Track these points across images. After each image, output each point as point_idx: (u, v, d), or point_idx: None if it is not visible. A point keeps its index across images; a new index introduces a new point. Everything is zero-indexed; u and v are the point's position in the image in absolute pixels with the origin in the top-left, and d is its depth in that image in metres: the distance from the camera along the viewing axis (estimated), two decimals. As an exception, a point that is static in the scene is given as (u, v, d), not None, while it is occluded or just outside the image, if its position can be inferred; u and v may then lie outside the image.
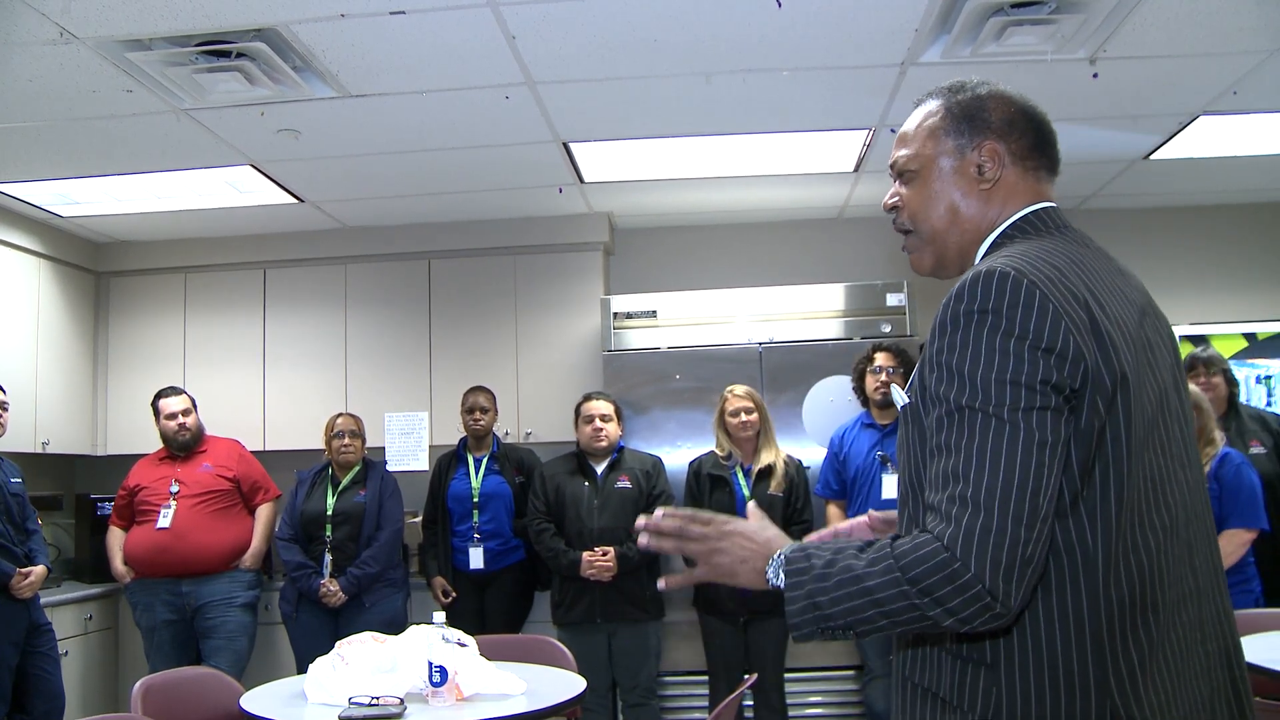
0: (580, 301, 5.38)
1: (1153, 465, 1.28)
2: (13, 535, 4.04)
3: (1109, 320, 1.26)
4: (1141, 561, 1.25)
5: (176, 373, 5.42)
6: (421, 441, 5.36)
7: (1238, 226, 5.53)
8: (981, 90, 1.49)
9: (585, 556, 4.18)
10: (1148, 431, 1.28)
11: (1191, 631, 1.29)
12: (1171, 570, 1.28)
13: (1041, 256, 1.30)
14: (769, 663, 4.24)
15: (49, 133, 3.97)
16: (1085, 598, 1.22)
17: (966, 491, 1.19)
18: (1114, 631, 1.23)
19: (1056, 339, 1.21)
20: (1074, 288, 1.26)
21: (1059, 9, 3.13)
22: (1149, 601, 1.25)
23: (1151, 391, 1.29)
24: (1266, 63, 3.58)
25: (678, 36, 3.32)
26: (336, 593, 4.37)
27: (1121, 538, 1.24)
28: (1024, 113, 1.47)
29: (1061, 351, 1.21)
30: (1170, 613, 1.27)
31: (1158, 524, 1.27)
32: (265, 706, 2.77)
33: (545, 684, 2.94)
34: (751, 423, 4.27)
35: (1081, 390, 1.22)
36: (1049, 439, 1.19)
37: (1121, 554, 1.24)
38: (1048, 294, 1.23)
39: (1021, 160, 1.44)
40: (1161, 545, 1.27)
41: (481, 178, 4.79)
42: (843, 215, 5.67)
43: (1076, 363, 1.21)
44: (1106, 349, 1.24)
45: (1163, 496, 1.28)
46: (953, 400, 1.23)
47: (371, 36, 3.23)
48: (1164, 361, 1.35)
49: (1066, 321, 1.22)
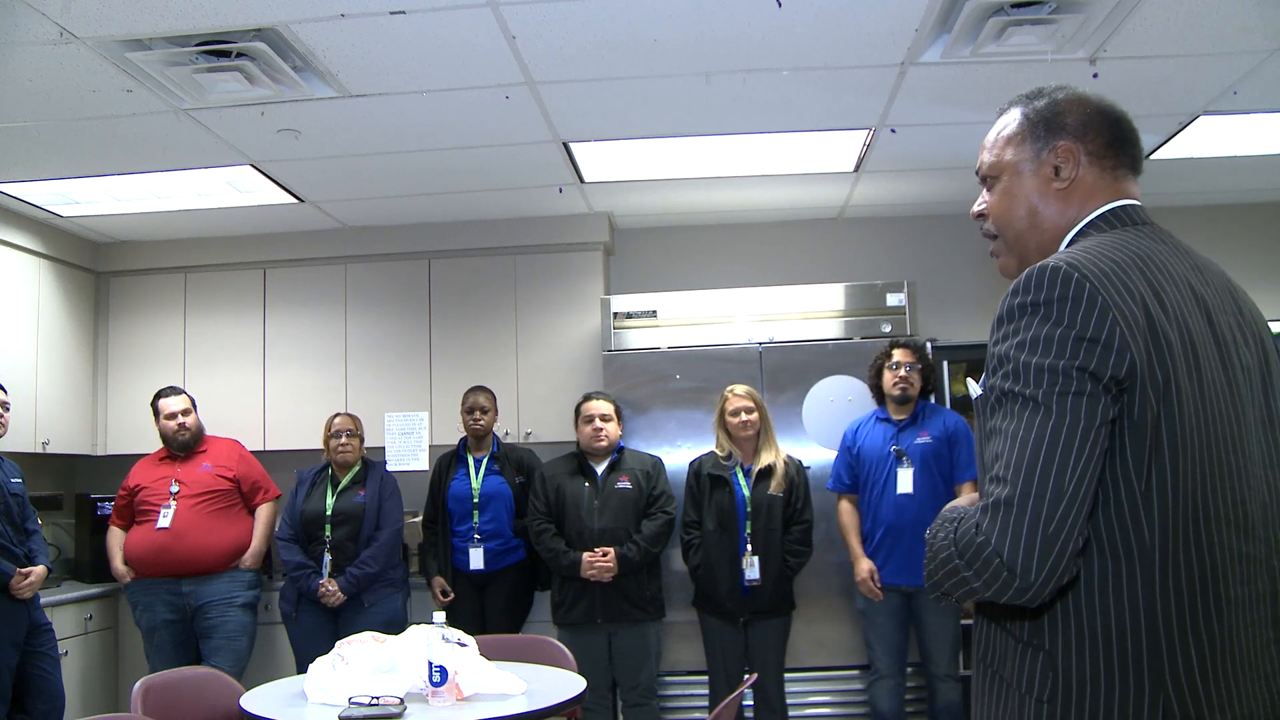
0: (580, 301, 5.38)
1: (1222, 463, 1.29)
2: (13, 535, 4.04)
3: (1168, 316, 1.29)
4: (1204, 558, 1.27)
5: (176, 373, 5.42)
6: (421, 441, 5.36)
7: (1238, 226, 5.52)
8: (1059, 95, 1.50)
9: (585, 557, 4.18)
10: (1213, 429, 1.29)
11: (1263, 631, 1.30)
12: (1243, 569, 1.29)
13: (1104, 252, 1.34)
14: (769, 663, 4.24)
15: (49, 133, 3.97)
16: (1142, 591, 1.26)
17: (1004, 472, 1.26)
18: (1171, 626, 1.25)
19: (1102, 330, 1.25)
20: (1131, 282, 1.29)
21: (1059, 9, 3.13)
22: (1211, 598, 1.26)
23: (1220, 390, 1.31)
24: (1266, 63, 3.58)
25: (678, 36, 3.32)
26: (336, 593, 4.37)
27: (1181, 534, 1.26)
28: (1100, 112, 1.48)
29: (1106, 342, 1.25)
30: (1238, 611, 1.28)
31: (1225, 521, 1.28)
32: (265, 706, 2.78)
33: (545, 684, 2.94)
34: (752, 422, 4.27)
35: (1128, 381, 1.25)
36: (1082, 422, 1.23)
37: (1181, 550, 1.26)
38: (1097, 287, 1.27)
39: (1099, 159, 1.46)
40: (1229, 543, 1.28)
41: (481, 178, 4.79)
42: (843, 215, 5.67)
43: (1122, 354, 1.25)
44: (1160, 345, 1.26)
45: (1234, 495, 1.29)
46: (1002, 385, 1.30)
47: (371, 36, 3.23)
48: (1245, 361, 1.36)
49: (1115, 314, 1.26)
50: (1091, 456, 1.23)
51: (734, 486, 4.24)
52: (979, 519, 1.27)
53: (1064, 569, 1.23)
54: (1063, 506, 1.22)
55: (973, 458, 4.03)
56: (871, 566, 4.18)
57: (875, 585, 4.16)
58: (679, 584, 4.54)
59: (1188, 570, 1.26)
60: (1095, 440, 1.24)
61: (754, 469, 4.25)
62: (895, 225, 5.70)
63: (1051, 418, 1.24)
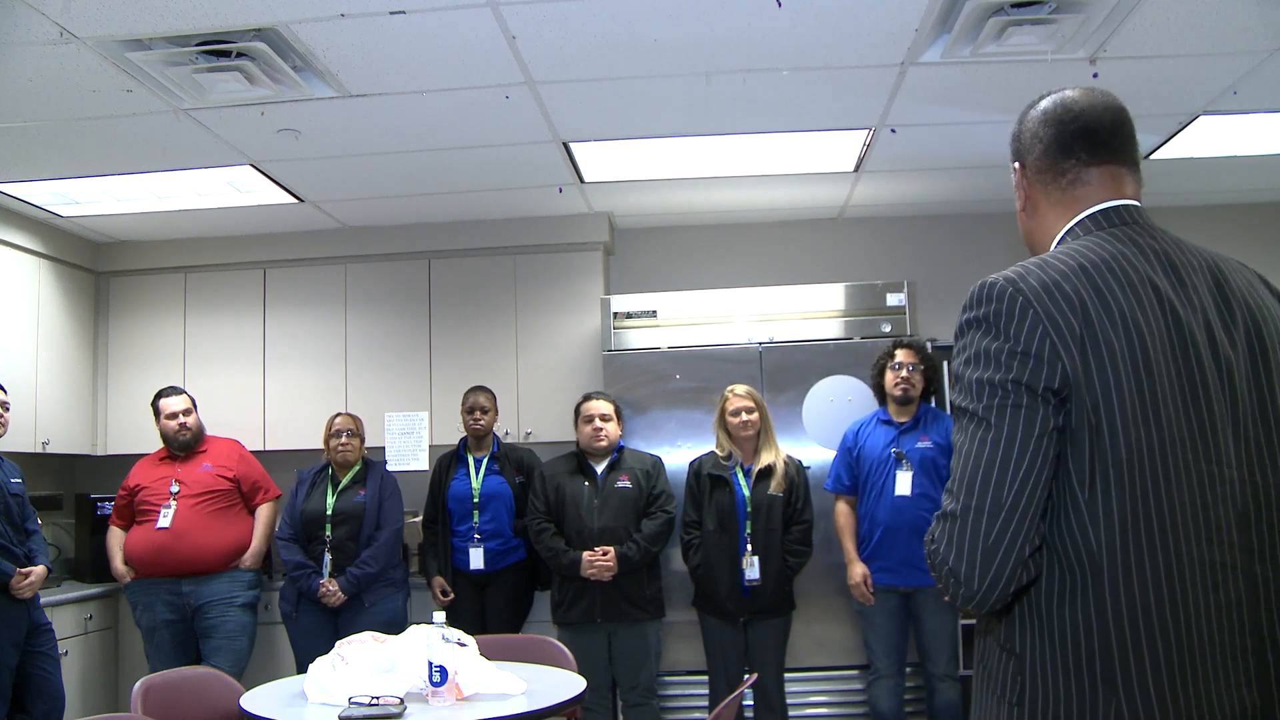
0: (580, 301, 5.38)
1: (1178, 468, 1.27)
2: (13, 535, 4.04)
3: (1112, 322, 1.30)
4: (1157, 565, 1.26)
5: (176, 373, 5.42)
6: (421, 441, 5.36)
7: (1238, 226, 5.52)
8: (1033, 105, 1.51)
9: (585, 556, 4.18)
10: (1166, 433, 1.27)
11: (1235, 638, 1.28)
12: (1208, 576, 1.27)
13: (1052, 261, 1.36)
14: (769, 663, 4.24)
15: (49, 133, 3.97)
16: (1094, 598, 1.27)
17: (953, 485, 1.32)
18: (1124, 633, 1.25)
19: (1033, 343, 1.29)
20: (1069, 291, 1.31)
21: (1059, 9, 3.13)
22: (1167, 606, 1.25)
23: (1177, 393, 1.29)
24: (1266, 63, 3.58)
25: (678, 36, 3.32)
26: (336, 592, 4.37)
27: (1131, 541, 1.26)
28: (1045, 120, 1.47)
29: (1037, 354, 1.28)
30: (1202, 618, 1.26)
31: (1182, 527, 1.26)
32: (265, 706, 2.78)
33: (545, 684, 2.94)
34: (752, 422, 4.27)
35: (1065, 391, 1.28)
36: (1020, 433, 1.27)
37: (1133, 556, 1.26)
38: (1030, 300, 1.30)
39: (1043, 171, 1.47)
40: (1188, 550, 1.26)
41: (481, 178, 4.79)
42: (843, 215, 5.67)
43: (1053, 365, 1.28)
44: (1100, 352, 1.28)
45: (1196, 500, 1.27)
46: (955, 401, 1.37)
47: (371, 36, 3.23)
48: (1226, 360, 1.33)
49: (1045, 325, 1.29)
50: (1032, 467, 1.27)
51: (734, 486, 4.24)
52: (933, 529, 1.34)
53: (1009, 577, 1.27)
54: (1001, 518, 1.26)
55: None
56: (865, 571, 4.20)
57: (867, 590, 4.18)
58: (679, 584, 4.54)
59: (1139, 577, 1.26)
60: (1036, 450, 1.27)
61: (754, 469, 4.25)
62: (895, 225, 5.70)
63: (991, 431, 1.28)
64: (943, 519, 1.32)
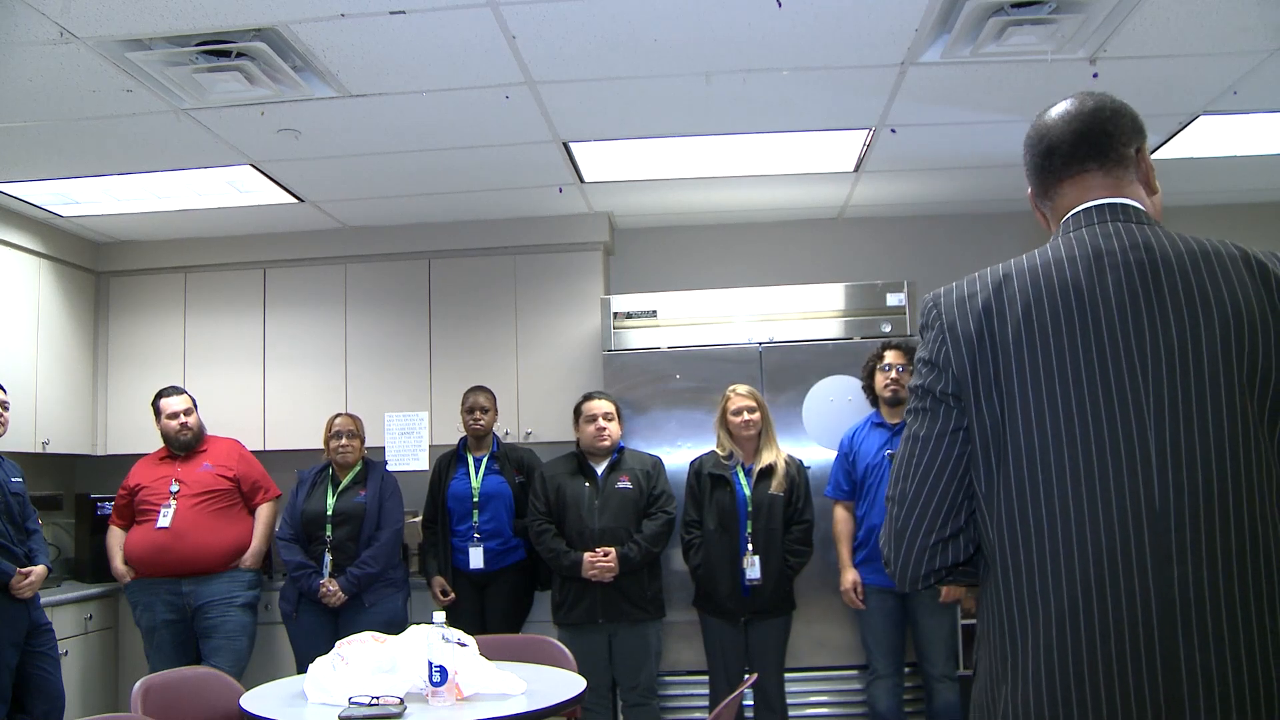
0: (580, 301, 5.38)
1: (1077, 464, 1.30)
2: (13, 535, 4.04)
3: (1013, 328, 1.36)
4: (1044, 555, 1.31)
5: (176, 373, 5.41)
6: (421, 441, 5.36)
7: (1238, 226, 5.51)
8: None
9: (586, 557, 4.18)
10: (1065, 431, 1.31)
11: (1135, 636, 1.27)
12: (1104, 570, 1.28)
13: (985, 272, 1.45)
14: (769, 662, 4.24)
15: (49, 133, 3.96)
16: (998, 586, 1.37)
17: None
18: (1014, 621, 1.34)
19: (934, 349, 1.43)
20: (980, 302, 1.40)
21: (1059, 9, 3.13)
22: (1052, 596, 1.30)
23: (1079, 390, 1.32)
24: (1266, 63, 3.58)
25: (678, 36, 3.32)
26: (336, 592, 4.37)
27: (1020, 532, 1.33)
28: (1027, 146, 1.54)
29: (934, 360, 1.42)
30: (1094, 612, 1.28)
31: (1076, 521, 1.30)
32: (265, 706, 2.78)
33: (545, 684, 2.94)
34: (754, 421, 4.27)
35: (958, 394, 1.39)
36: (923, 432, 1.42)
37: (1021, 547, 1.33)
38: (940, 311, 1.44)
39: (1039, 193, 1.54)
40: (1085, 543, 1.29)
41: (481, 178, 4.79)
42: (843, 215, 5.67)
43: (944, 370, 1.40)
44: (996, 357, 1.37)
45: (1096, 494, 1.30)
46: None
47: (371, 36, 3.23)
48: (1144, 357, 1.31)
49: (945, 334, 1.41)
50: (933, 463, 1.40)
51: (735, 486, 4.24)
52: None
53: (918, 559, 1.41)
54: (906, 507, 1.42)
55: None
56: (856, 578, 4.23)
57: (857, 597, 4.22)
58: (679, 584, 4.54)
59: (1026, 567, 1.33)
60: (937, 448, 1.40)
61: (755, 469, 4.25)
62: (895, 225, 5.70)
63: (908, 430, 1.45)
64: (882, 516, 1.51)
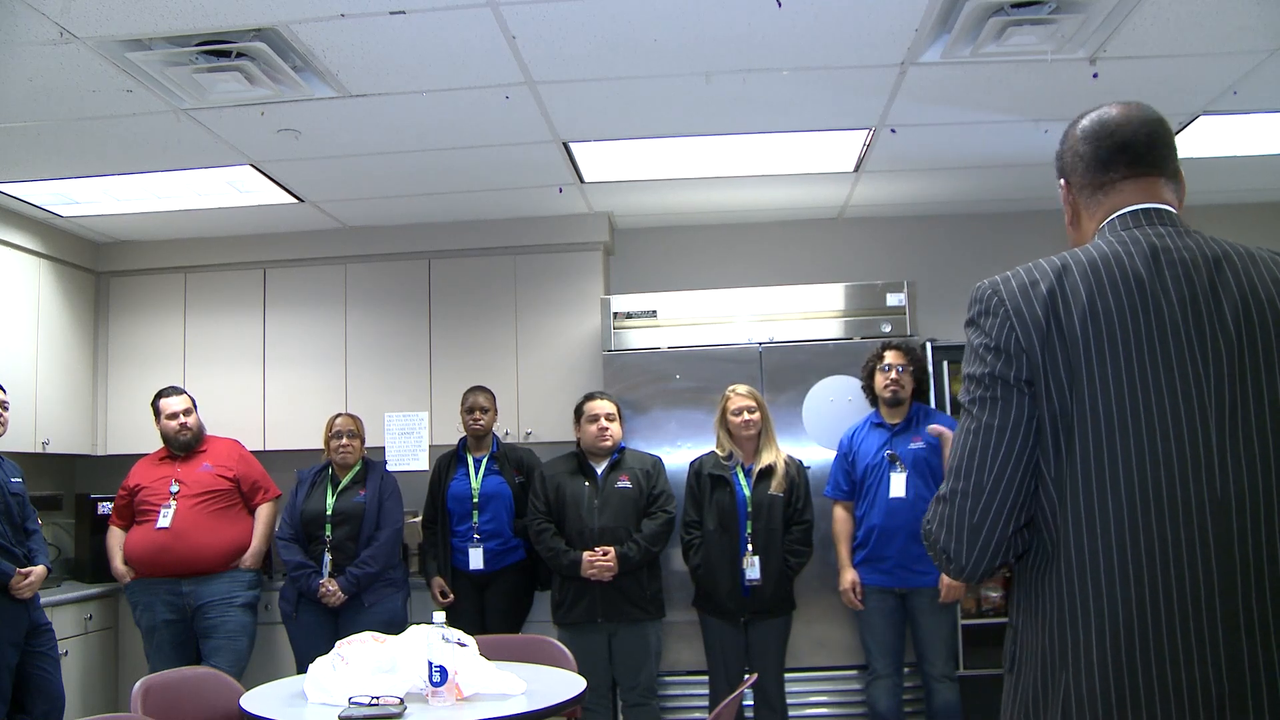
0: (580, 301, 5.38)
1: (1143, 451, 1.33)
2: (13, 535, 4.04)
3: (1080, 317, 1.38)
4: (1109, 542, 1.32)
5: (176, 373, 5.41)
6: (421, 441, 5.35)
7: (1238, 226, 5.49)
8: (1074, 123, 1.58)
9: (586, 556, 4.18)
10: (1131, 419, 1.33)
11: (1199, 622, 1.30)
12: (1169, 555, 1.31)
13: (1042, 263, 1.46)
14: (769, 662, 4.24)
15: (49, 133, 3.96)
16: (1055, 571, 1.37)
17: (946, 472, 1.46)
18: (1076, 608, 1.35)
19: (1002, 337, 1.41)
20: (1045, 290, 1.41)
21: (1059, 9, 3.13)
22: (1119, 582, 1.31)
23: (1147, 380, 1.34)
24: (1266, 63, 3.58)
25: (678, 36, 3.32)
26: (336, 592, 4.37)
27: (1086, 516, 1.34)
28: (1083, 139, 1.55)
29: (1003, 347, 1.41)
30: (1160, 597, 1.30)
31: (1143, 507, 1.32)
32: (265, 706, 2.78)
33: (545, 684, 2.94)
34: (754, 421, 4.27)
35: (1033, 380, 1.39)
36: (997, 420, 1.40)
37: (1089, 532, 1.34)
38: (1004, 298, 1.43)
39: (1084, 187, 1.55)
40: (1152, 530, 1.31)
41: (481, 178, 4.79)
42: (843, 215, 5.67)
43: (1018, 357, 1.39)
44: (1066, 344, 1.37)
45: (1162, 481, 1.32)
46: (960, 397, 1.50)
47: (371, 36, 3.23)
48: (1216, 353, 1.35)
49: (1013, 321, 1.40)
50: (1010, 452, 1.39)
51: (734, 486, 4.24)
52: (929, 512, 1.48)
53: (993, 553, 1.40)
54: (984, 498, 1.39)
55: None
56: (854, 579, 4.23)
57: (855, 597, 4.22)
58: (679, 584, 4.54)
59: (1093, 552, 1.33)
60: (1014, 437, 1.39)
61: (755, 469, 4.25)
62: (895, 225, 5.69)
63: (974, 421, 1.42)
64: (937, 502, 1.46)
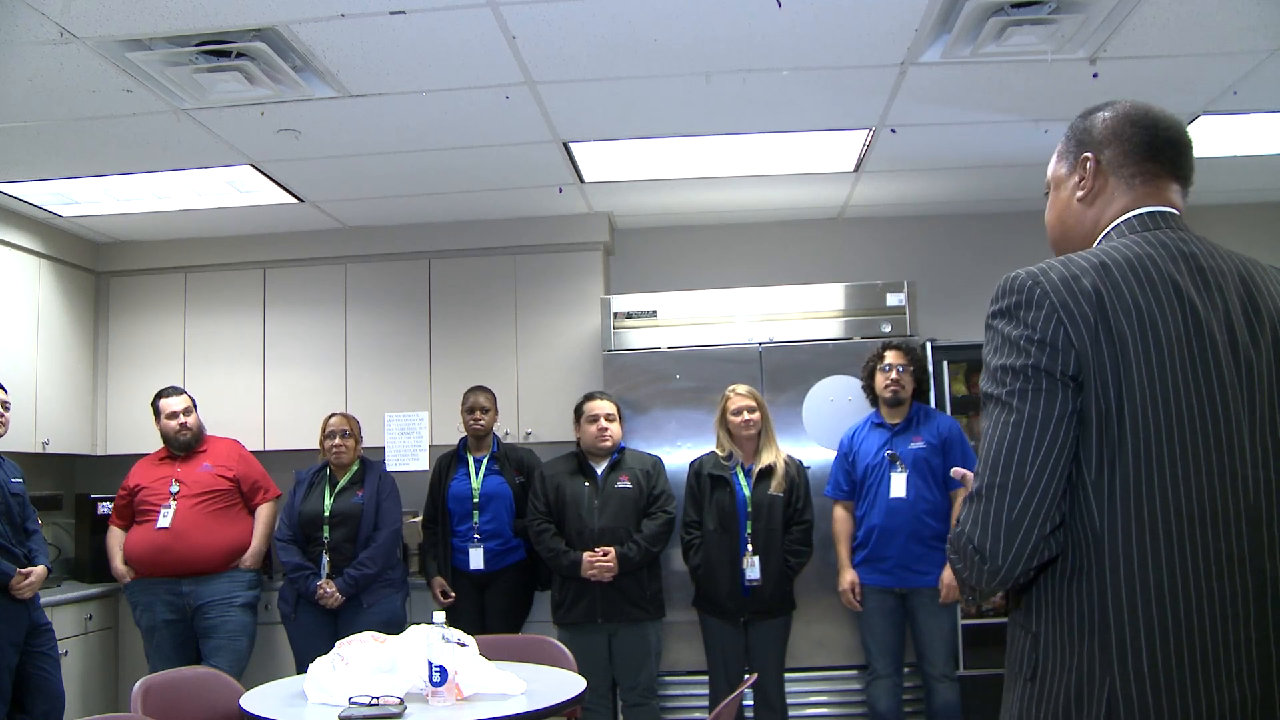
0: (580, 301, 5.38)
1: (1190, 458, 1.32)
2: (13, 535, 4.04)
3: (1126, 316, 1.35)
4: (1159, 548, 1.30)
5: (176, 373, 5.41)
6: (421, 441, 5.35)
7: (1238, 226, 5.51)
8: (1101, 110, 1.56)
9: (586, 557, 4.17)
10: (1179, 425, 1.32)
11: (1241, 629, 1.31)
12: (1211, 564, 1.31)
13: (1074, 259, 1.43)
14: (769, 662, 4.24)
15: (49, 133, 3.96)
16: (1096, 578, 1.33)
17: (979, 468, 1.40)
18: (1122, 612, 1.31)
19: (1049, 331, 1.36)
20: (1088, 286, 1.37)
21: (1059, 9, 3.13)
22: (1166, 589, 1.30)
23: (1192, 387, 1.33)
24: (1266, 63, 3.58)
25: (678, 36, 3.32)
26: (333, 594, 4.36)
27: (1134, 523, 1.31)
28: (1129, 121, 1.53)
29: (1048, 340, 1.35)
30: (1206, 605, 1.30)
31: (1189, 516, 1.31)
32: (265, 706, 2.78)
33: (545, 684, 2.94)
34: (754, 421, 4.27)
35: (1080, 376, 1.34)
36: (1040, 414, 1.34)
37: (1135, 539, 1.31)
38: (1048, 290, 1.37)
39: (1118, 167, 1.52)
40: (1194, 537, 1.31)
41: (481, 178, 4.79)
42: (843, 215, 5.67)
43: (1067, 352, 1.35)
44: (1113, 342, 1.34)
45: (1207, 490, 1.32)
46: (984, 389, 1.43)
47: (371, 36, 3.23)
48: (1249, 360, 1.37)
49: (1060, 315, 1.35)
50: (1052, 447, 1.33)
51: (734, 486, 4.24)
52: (960, 513, 1.42)
53: (1031, 552, 1.34)
54: (1024, 495, 1.33)
55: (966, 464, 4.03)
56: (854, 579, 4.23)
57: (854, 598, 4.23)
58: (679, 584, 4.54)
59: (1139, 559, 1.31)
60: (1056, 431, 1.34)
61: (755, 469, 4.25)
62: (895, 225, 5.69)
63: (1014, 414, 1.36)
64: (969, 501, 1.39)
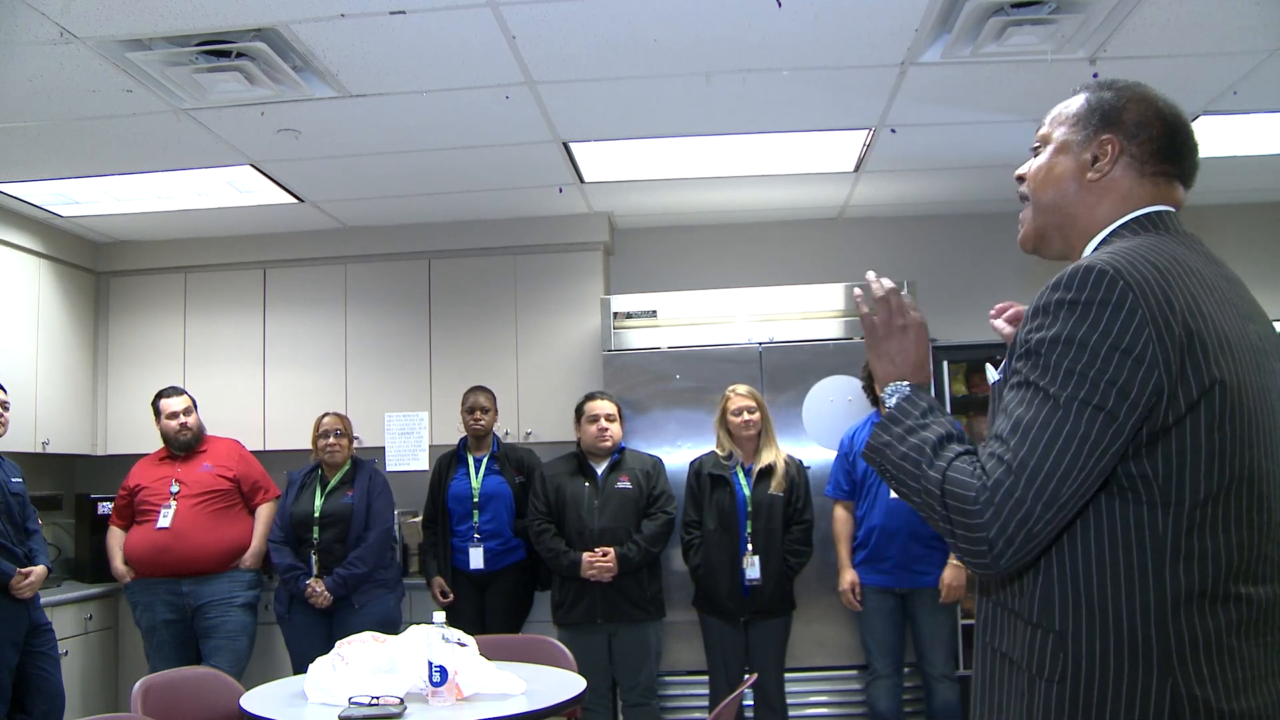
0: (580, 301, 5.38)
1: (1252, 466, 1.30)
2: (13, 535, 4.04)
3: (1206, 325, 1.29)
4: (1219, 552, 1.28)
5: (176, 373, 5.42)
6: (421, 441, 5.36)
7: (1238, 226, 5.52)
8: (1129, 91, 1.51)
9: (585, 557, 4.17)
10: (1247, 434, 1.30)
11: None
12: (1266, 569, 1.31)
13: (1146, 255, 1.33)
14: (769, 662, 4.24)
15: (49, 133, 3.96)
16: (1153, 579, 1.27)
17: (1010, 456, 1.27)
18: (1179, 613, 1.27)
19: (1136, 342, 1.25)
20: (1172, 291, 1.29)
21: (1059, 9, 3.13)
22: (1225, 591, 1.28)
23: (1254, 396, 1.31)
24: (1266, 63, 3.58)
25: (678, 36, 3.32)
26: (322, 593, 4.35)
27: (1198, 528, 1.28)
28: (1160, 118, 1.49)
29: (1139, 356, 1.25)
30: (1262, 607, 1.30)
31: (1248, 522, 1.30)
32: (265, 706, 2.78)
33: (545, 684, 2.94)
34: (754, 421, 4.27)
35: (1155, 396, 1.25)
36: (1092, 437, 1.25)
37: (1197, 542, 1.28)
38: (1139, 297, 1.27)
39: (1141, 163, 1.47)
40: (1249, 542, 1.30)
41: (481, 178, 4.79)
42: (843, 215, 5.67)
43: (1151, 368, 1.25)
44: (1196, 354, 1.27)
45: (1266, 498, 1.31)
46: (1027, 375, 1.31)
47: (371, 36, 3.23)
48: (1272, 367, 1.37)
49: (1151, 327, 1.25)
50: (1093, 473, 1.26)
51: (734, 486, 4.24)
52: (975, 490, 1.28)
53: (1035, 547, 1.28)
54: (1054, 510, 1.26)
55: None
56: (854, 579, 4.24)
57: (854, 598, 4.23)
58: (679, 584, 4.54)
59: (1200, 563, 1.28)
60: (1100, 457, 1.25)
61: (755, 469, 4.25)
62: (895, 225, 5.70)
63: (1067, 424, 1.25)
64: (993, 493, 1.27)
